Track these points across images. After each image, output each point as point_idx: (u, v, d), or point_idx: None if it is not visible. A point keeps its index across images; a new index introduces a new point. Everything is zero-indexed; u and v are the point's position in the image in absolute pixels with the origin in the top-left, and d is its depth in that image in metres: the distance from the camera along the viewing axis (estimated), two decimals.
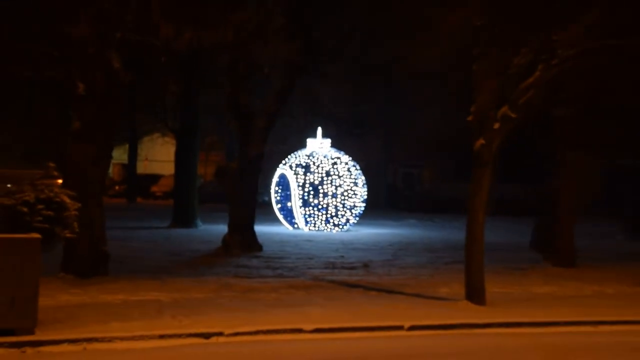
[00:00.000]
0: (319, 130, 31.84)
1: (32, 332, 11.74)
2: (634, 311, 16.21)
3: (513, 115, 16.26)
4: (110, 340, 11.96)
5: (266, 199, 32.13)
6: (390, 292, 17.18)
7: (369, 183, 33.36)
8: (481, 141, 16.26)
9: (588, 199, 36.91)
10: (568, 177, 23.49)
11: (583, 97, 21.39)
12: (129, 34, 16.50)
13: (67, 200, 12.78)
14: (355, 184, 31.60)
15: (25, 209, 12.16)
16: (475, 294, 16.14)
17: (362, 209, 32.26)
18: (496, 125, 16.21)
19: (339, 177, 31.20)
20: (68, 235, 13.00)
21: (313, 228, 31.20)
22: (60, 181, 13.89)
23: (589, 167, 27.50)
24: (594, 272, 21.68)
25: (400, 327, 13.85)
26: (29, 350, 11.36)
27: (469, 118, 16.40)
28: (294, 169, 31.32)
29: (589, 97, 21.16)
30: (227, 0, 18.23)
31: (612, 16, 15.94)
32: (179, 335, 12.42)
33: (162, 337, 12.29)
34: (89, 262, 17.27)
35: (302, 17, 23.71)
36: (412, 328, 13.86)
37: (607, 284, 19.65)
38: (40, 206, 12.33)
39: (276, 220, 31.79)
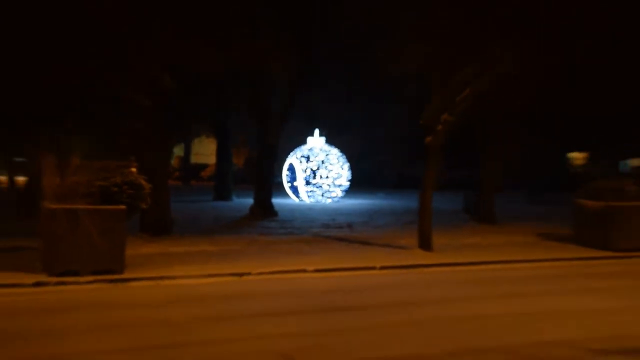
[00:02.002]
0: (316, 131, 31.96)
1: (121, 272, 12.09)
2: (534, 253, 16.45)
3: (452, 119, 16.50)
4: (174, 278, 12.33)
5: (279, 179, 32.09)
6: (366, 243, 17.36)
7: (353, 167, 33.43)
8: (429, 138, 16.54)
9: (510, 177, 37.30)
10: (487, 162, 23.69)
11: (502, 107, 21.50)
12: (183, 65, 16.61)
13: (143, 182, 12.96)
14: (342, 168, 31.76)
15: (115, 189, 12.39)
16: (425, 244, 16.36)
17: (347, 186, 32.42)
18: (439, 127, 16.44)
19: (331, 164, 31.36)
20: (144, 206, 13.21)
21: (312, 200, 31.33)
22: (133, 168, 14.02)
23: (508, 155, 27.55)
24: (507, 228, 21.67)
25: (373, 267, 14.10)
26: (120, 284, 11.76)
27: (421, 121, 16.67)
28: (298, 158, 31.42)
29: (505, 106, 21.26)
30: (248, 35, 18.23)
31: (518, 50, 16.04)
32: (221, 275, 12.75)
33: (209, 275, 12.62)
34: (159, 225, 17.50)
35: (303, 45, 23.76)
36: (382, 268, 14.11)
37: (516, 236, 19.75)
38: (125, 187, 12.57)
39: (286, 195, 31.89)
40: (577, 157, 52.31)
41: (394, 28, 17.12)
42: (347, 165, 32.22)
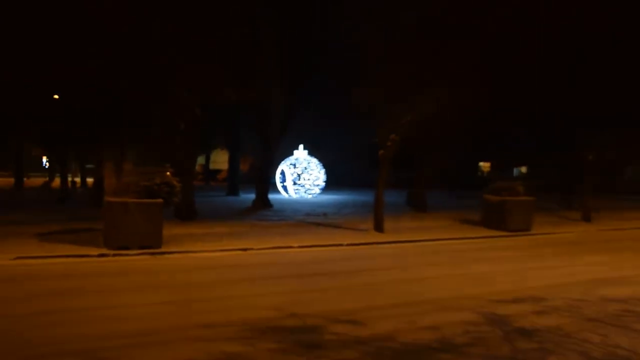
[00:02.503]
0: (301, 146, 31.97)
1: (159, 247, 12.12)
2: (455, 233, 16.58)
3: (397, 139, 16.61)
4: (197, 252, 12.33)
5: (274, 181, 32.04)
6: (337, 227, 17.39)
7: (327, 172, 33.43)
8: (382, 151, 16.63)
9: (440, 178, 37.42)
10: (421, 168, 23.77)
11: (430, 129, 21.65)
12: (205, 98, 16.69)
13: (175, 182, 12.99)
14: (320, 172, 31.77)
15: (155, 187, 12.42)
16: (379, 227, 16.41)
17: (323, 185, 32.43)
18: (389, 144, 16.53)
19: (311, 169, 31.36)
20: (176, 200, 13.30)
21: (298, 196, 31.30)
22: (168, 172, 14.07)
23: (437, 162, 27.52)
24: (437, 215, 21.64)
25: (341, 244, 14.14)
26: (158, 256, 11.73)
27: (375, 139, 16.76)
28: (288, 165, 31.45)
29: (434, 128, 21.41)
30: (257, 80, 18.29)
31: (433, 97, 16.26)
32: (231, 249, 12.75)
33: (223, 250, 12.64)
34: (186, 213, 17.47)
35: (294, 90, 23.90)
36: (348, 245, 14.14)
37: (442, 221, 19.87)
38: (163, 186, 12.58)
39: (279, 192, 31.88)
40: (485, 165, 52.80)
41: (360, 77, 17.19)
42: (323, 170, 32.26)
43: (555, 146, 35.76)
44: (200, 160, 50.35)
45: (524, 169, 43.13)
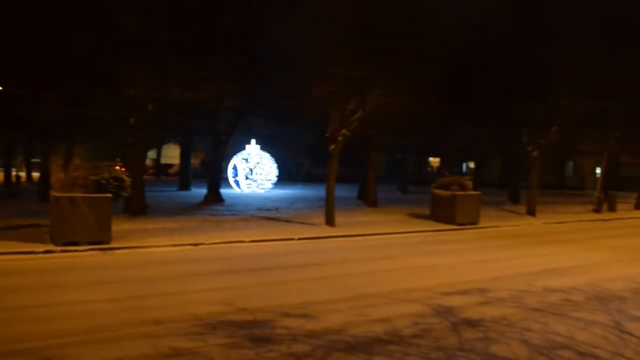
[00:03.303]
0: (253, 141, 31.76)
1: (109, 243, 11.82)
2: (404, 227, 16.83)
3: (348, 134, 16.72)
4: (147, 247, 12.10)
5: (226, 175, 31.74)
6: (288, 221, 17.36)
7: (279, 167, 33.38)
8: (333, 146, 16.70)
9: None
10: (371, 163, 23.99)
11: (379, 126, 21.91)
12: (157, 93, 16.33)
13: (125, 177, 12.74)
14: (271, 168, 31.68)
15: (104, 182, 12.13)
16: (330, 221, 16.49)
17: (275, 180, 32.36)
18: (340, 138, 16.62)
19: (263, 164, 31.25)
20: (125, 194, 13.01)
21: (250, 190, 31.11)
22: (118, 167, 13.80)
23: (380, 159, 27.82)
24: (386, 210, 21.99)
25: (293, 238, 14.11)
26: (107, 252, 11.46)
27: (327, 135, 16.82)
28: (240, 160, 31.23)
29: (381, 126, 21.65)
30: (209, 81, 18.04)
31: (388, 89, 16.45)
32: (182, 244, 12.56)
33: (173, 245, 12.44)
34: (137, 208, 17.10)
35: (247, 86, 23.74)
36: (299, 239, 14.13)
37: (392, 215, 20.12)
38: (112, 180, 12.31)
39: (231, 187, 31.60)
40: (434, 161, 53.74)
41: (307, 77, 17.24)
42: (274, 165, 32.17)
43: (502, 143, 36.74)
44: (152, 154, 49.51)
45: (472, 164, 44.03)
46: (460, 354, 5.76)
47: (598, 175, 28.09)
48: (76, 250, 11.27)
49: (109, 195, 12.10)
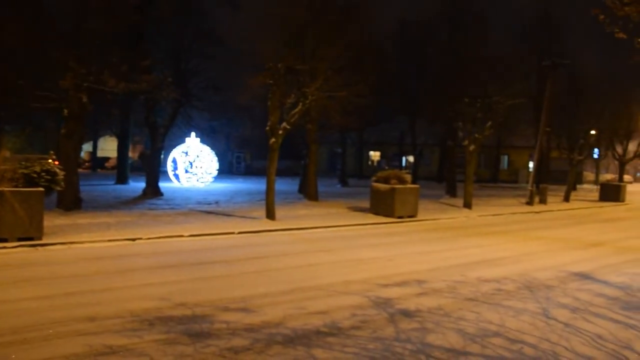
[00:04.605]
0: (192, 134, 31.23)
1: (40, 239, 11.41)
2: (345, 220, 17.00)
3: (288, 127, 16.69)
4: (82, 242, 11.74)
5: (165, 169, 31.11)
6: (228, 215, 17.23)
7: (219, 160, 33.02)
8: (273, 140, 16.62)
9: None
10: (312, 157, 24.03)
11: (319, 120, 22.03)
12: (91, 85, 15.78)
13: (58, 170, 12.34)
14: (211, 161, 31.28)
15: (34, 175, 11.70)
16: (270, 215, 16.43)
17: (215, 174, 31.99)
18: (280, 132, 16.57)
19: (203, 158, 30.82)
20: (58, 189, 12.59)
21: (190, 184, 30.63)
22: (51, 160, 13.29)
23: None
24: (327, 203, 22.14)
25: (233, 232, 14.02)
26: (39, 248, 11.05)
27: (266, 128, 16.73)
28: (180, 153, 30.68)
29: (321, 120, 21.79)
30: (143, 70, 17.58)
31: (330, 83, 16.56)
32: (118, 239, 12.25)
33: (109, 240, 12.13)
34: (70, 203, 16.50)
35: (183, 76, 23.41)
36: (240, 233, 14.06)
37: (332, 208, 20.27)
38: (43, 173, 11.89)
39: (171, 180, 31.01)
40: (374, 154, 54.47)
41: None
42: (215, 159, 31.79)
43: (439, 137, 37.58)
44: (88, 147, 48.07)
45: (411, 158, 44.85)
46: (397, 344, 5.86)
47: (531, 170, 29.16)
48: (5, 247, 10.79)
49: (41, 189, 11.66)
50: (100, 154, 50.03)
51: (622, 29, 7.51)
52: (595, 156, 45.05)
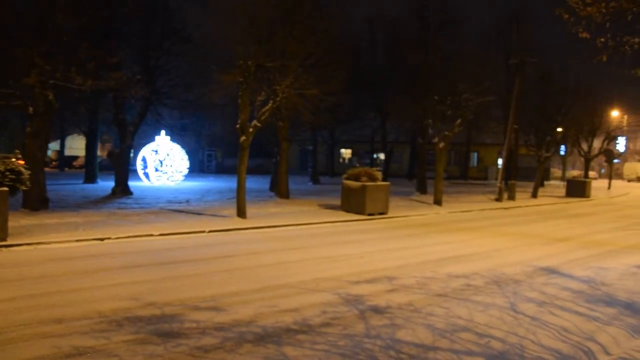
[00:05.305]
0: (162, 132, 30.89)
1: (5, 240, 11.17)
2: (316, 218, 17.00)
3: (259, 125, 16.63)
4: (49, 243, 11.54)
5: (135, 168, 30.73)
6: (199, 214, 17.11)
7: (190, 158, 32.76)
8: (243, 137, 16.54)
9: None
10: (283, 155, 23.99)
11: (290, 117, 22.04)
12: (59, 82, 15.47)
13: (23, 169, 12.09)
14: (182, 159, 31.00)
15: None
16: (241, 213, 16.38)
17: (185, 172, 31.73)
18: (251, 129, 16.51)
19: (173, 156, 30.52)
20: (24, 188, 12.31)
21: (160, 183, 30.30)
22: (15, 159, 13.00)
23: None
24: (298, 201, 22.15)
25: (203, 231, 13.94)
26: (4, 249, 10.82)
27: (237, 125, 16.64)
28: (150, 152, 30.33)
29: (292, 117, 21.80)
30: (111, 67, 17.30)
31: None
32: (87, 239, 12.08)
33: (77, 240, 11.95)
34: (37, 203, 16.19)
35: (152, 74, 23.14)
36: (210, 231, 13.98)
37: (304, 206, 20.31)
38: (7, 173, 11.63)
39: (140, 179, 30.65)
40: (346, 152, 54.63)
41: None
42: (185, 157, 31.54)
43: (410, 135, 37.75)
44: (55, 146, 47.24)
45: (382, 156, 45.12)
46: (367, 341, 5.91)
47: (500, 166, 29.61)
48: None
49: (5, 189, 11.40)
50: (68, 152, 49.23)
51: (586, 28, 7.67)
52: (562, 153, 46.01)
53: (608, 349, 5.93)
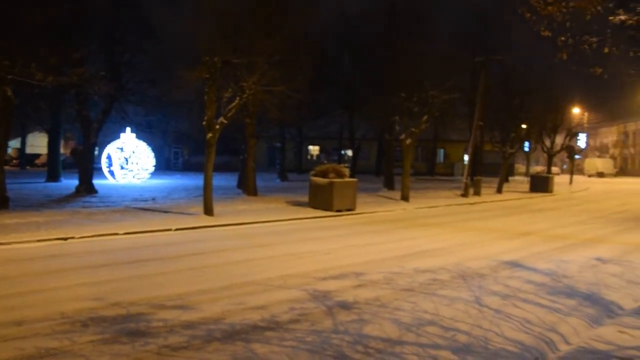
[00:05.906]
0: (128, 129, 30.44)
1: None
2: (284, 215, 17.03)
3: (225, 122, 16.55)
4: (9, 243, 11.30)
5: (100, 165, 30.25)
6: (166, 212, 16.93)
7: (156, 156, 32.39)
8: (209, 134, 16.43)
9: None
10: (250, 152, 23.86)
11: (257, 114, 21.99)
12: (18, 77, 15.08)
13: None
14: (148, 157, 30.63)
15: None
16: (208, 211, 16.29)
17: (152, 170, 31.36)
18: (217, 126, 16.40)
19: (139, 153, 30.12)
20: None
21: (126, 181, 29.88)
22: None
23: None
24: (266, 198, 22.09)
25: (170, 229, 13.83)
26: None
27: (203, 122, 16.52)
28: (115, 149, 29.87)
29: (259, 114, 21.74)
30: (73, 62, 16.96)
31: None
32: (49, 239, 11.87)
33: (39, 240, 11.73)
34: None
35: (117, 70, 22.80)
36: (177, 229, 13.89)
37: (271, 203, 20.28)
38: None
39: (105, 177, 30.16)
40: (314, 149, 54.65)
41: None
42: (151, 154, 31.16)
43: (377, 131, 38.07)
44: (15, 144, 46.17)
45: (350, 153, 45.32)
46: (335, 337, 5.96)
47: (466, 163, 30.06)
48: None
49: None
50: (29, 150, 48.11)
51: (547, 27, 7.84)
52: (526, 149, 46.94)
53: (568, 339, 6.11)
